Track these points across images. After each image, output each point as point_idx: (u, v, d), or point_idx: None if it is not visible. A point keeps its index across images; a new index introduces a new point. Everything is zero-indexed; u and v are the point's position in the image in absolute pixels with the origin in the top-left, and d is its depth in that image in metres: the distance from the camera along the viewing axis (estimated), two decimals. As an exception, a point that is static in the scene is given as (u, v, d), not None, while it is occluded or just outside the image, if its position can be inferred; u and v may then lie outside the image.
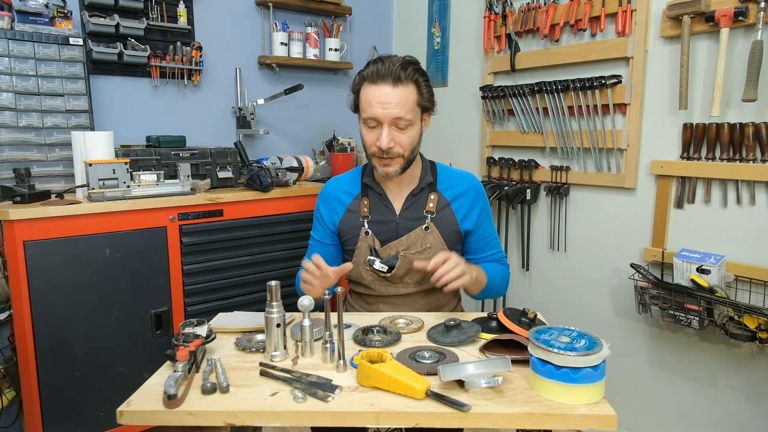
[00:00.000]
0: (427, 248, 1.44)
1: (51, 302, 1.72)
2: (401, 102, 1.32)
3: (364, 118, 1.37)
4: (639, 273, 1.89)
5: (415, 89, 1.36)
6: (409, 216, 1.46)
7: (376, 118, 1.34)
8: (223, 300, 2.09)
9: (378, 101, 1.32)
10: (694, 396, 1.94)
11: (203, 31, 2.47)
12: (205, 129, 2.53)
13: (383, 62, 1.34)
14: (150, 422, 0.93)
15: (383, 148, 1.34)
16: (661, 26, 1.90)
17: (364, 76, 1.37)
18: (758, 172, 1.69)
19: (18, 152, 1.94)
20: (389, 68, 1.32)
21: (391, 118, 1.33)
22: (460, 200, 1.49)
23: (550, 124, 2.27)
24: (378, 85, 1.32)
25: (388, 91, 1.32)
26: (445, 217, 1.47)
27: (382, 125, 1.34)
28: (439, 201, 1.47)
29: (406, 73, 1.33)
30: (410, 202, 1.47)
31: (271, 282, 1.10)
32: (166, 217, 1.92)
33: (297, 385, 0.98)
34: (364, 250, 1.46)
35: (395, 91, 1.32)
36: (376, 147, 1.36)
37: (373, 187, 1.49)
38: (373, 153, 1.39)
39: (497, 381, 0.93)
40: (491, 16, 2.44)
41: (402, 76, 1.32)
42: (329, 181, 1.60)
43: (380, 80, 1.32)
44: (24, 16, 1.94)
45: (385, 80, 1.32)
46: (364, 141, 1.40)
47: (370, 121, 1.36)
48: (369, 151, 1.40)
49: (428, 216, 1.46)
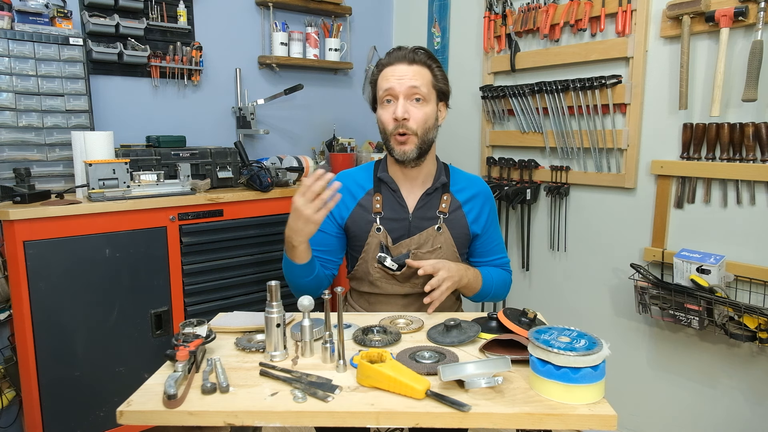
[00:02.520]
0: (438, 249, 1.44)
1: (51, 302, 1.72)
2: (416, 75, 1.39)
3: (380, 95, 1.42)
4: (639, 273, 1.89)
5: (429, 71, 1.42)
6: (422, 215, 1.47)
7: (392, 89, 1.39)
8: (223, 300, 2.09)
9: (393, 75, 1.39)
10: (694, 396, 1.94)
11: (203, 31, 2.47)
12: (205, 129, 2.53)
13: (397, 49, 1.43)
14: (150, 422, 0.93)
15: (399, 117, 1.37)
16: (661, 26, 1.90)
17: (380, 64, 1.44)
18: (758, 172, 1.69)
19: (18, 152, 1.94)
20: (403, 52, 1.41)
21: (407, 87, 1.38)
22: (471, 203, 1.51)
23: (550, 124, 2.27)
24: (393, 65, 1.40)
25: (404, 68, 1.39)
26: (457, 219, 1.48)
27: (398, 98, 1.39)
28: (451, 203, 1.49)
29: (418, 56, 1.41)
30: (424, 201, 1.48)
31: (271, 282, 1.10)
32: (166, 217, 1.92)
33: (297, 385, 0.98)
34: (374, 247, 1.45)
35: (410, 68, 1.39)
36: (392, 120, 1.39)
37: (387, 182, 1.49)
38: (389, 132, 1.41)
39: (497, 381, 0.93)
40: (491, 16, 2.45)
41: (415, 58, 1.40)
42: (340, 173, 1.57)
43: (395, 61, 1.41)
44: (24, 16, 1.94)
45: (400, 60, 1.40)
46: (381, 122, 1.43)
47: (386, 95, 1.40)
48: (386, 130, 1.42)
49: (441, 216, 1.46)
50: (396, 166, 1.48)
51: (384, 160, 1.54)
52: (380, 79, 1.42)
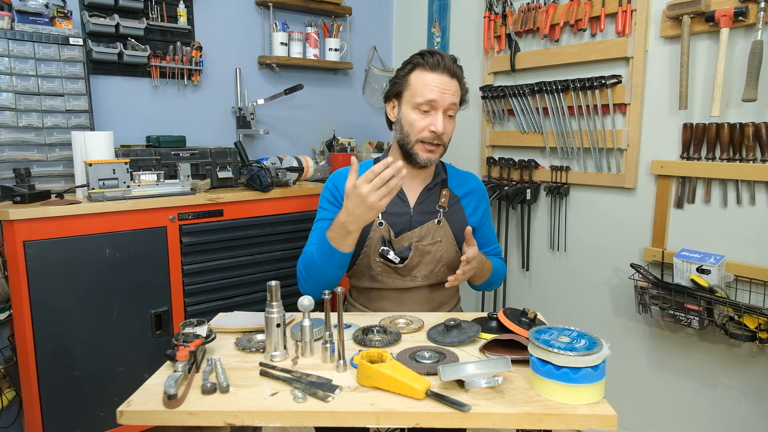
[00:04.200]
0: (438, 242, 1.48)
1: (51, 302, 1.72)
2: (455, 92, 1.42)
3: (418, 102, 1.41)
4: (639, 273, 1.89)
5: (460, 86, 1.46)
6: (423, 210, 1.50)
7: (435, 101, 1.39)
8: (223, 300, 2.09)
9: (438, 87, 1.39)
10: (694, 396, 1.94)
11: (203, 31, 2.47)
12: (205, 129, 2.53)
13: (439, 55, 1.42)
14: (150, 422, 0.93)
15: (438, 132, 1.40)
16: (661, 26, 1.90)
17: (418, 63, 1.42)
18: (758, 172, 1.69)
19: (18, 152, 1.94)
20: (446, 61, 1.41)
21: (448, 103, 1.40)
22: (468, 198, 1.57)
23: (550, 124, 2.27)
24: (437, 74, 1.40)
25: (447, 80, 1.40)
26: (456, 212, 1.53)
27: (437, 110, 1.40)
28: (450, 197, 1.54)
29: (459, 71, 1.44)
30: (425, 196, 1.52)
31: (271, 282, 1.10)
32: (166, 217, 1.92)
33: (297, 385, 0.98)
34: (375, 241, 1.47)
35: (451, 82, 1.41)
36: (429, 132, 1.41)
37: None
38: (422, 138, 1.42)
39: (497, 381, 0.93)
40: (491, 16, 2.44)
41: (456, 71, 1.43)
42: (339, 170, 1.59)
43: (439, 70, 1.40)
44: (24, 16, 1.93)
45: (444, 71, 1.40)
46: (412, 125, 1.42)
47: (425, 105, 1.40)
48: (417, 136, 1.42)
49: (440, 211, 1.51)
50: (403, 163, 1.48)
51: (384, 157, 1.54)
52: (419, 82, 1.41)
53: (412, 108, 1.42)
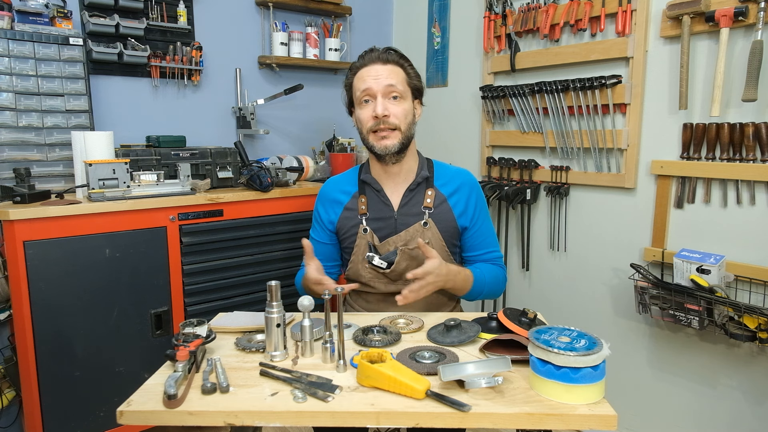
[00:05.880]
0: (426, 244, 1.44)
1: (51, 302, 1.72)
2: (391, 74, 1.42)
3: (358, 96, 1.44)
4: (639, 273, 1.89)
5: (402, 70, 1.45)
6: (407, 212, 1.48)
7: (369, 88, 1.42)
8: (223, 300, 2.09)
9: (369, 75, 1.42)
10: (694, 396, 1.94)
11: (203, 31, 2.47)
12: (205, 129, 2.53)
13: (369, 50, 1.46)
14: (150, 422, 0.93)
15: (379, 114, 1.40)
16: (661, 26, 1.90)
17: (353, 67, 1.48)
18: (758, 172, 1.69)
19: (18, 152, 1.94)
20: (375, 53, 1.45)
21: (384, 86, 1.41)
22: (457, 196, 1.50)
23: (550, 124, 2.27)
24: (368, 66, 1.44)
25: (379, 67, 1.43)
26: (443, 212, 1.48)
27: (375, 97, 1.41)
28: (436, 197, 1.49)
29: (391, 55, 1.45)
30: (408, 197, 1.49)
31: (271, 282, 1.10)
32: (166, 217, 1.92)
33: (297, 385, 0.98)
34: (362, 248, 1.47)
35: (385, 67, 1.43)
36: (372, 118, 1.41)
37: (371, 183, 1.50)
38: (369, 128, 1.43)
39: (497, 381, 0.93)
40: (491, 16, 2.44)
41: (388, 58, 1.44)
42: (327, 181, 1.62)
43: (369, 62, 1.44)
44: (24, 16, 1.94)
45: (374, 61, 1.43)
46: (360, 121, 1.46)
47: (364, 96, 1.42)
48: (366, 128, 1.44)
49: (426, 212, 1.47)
50: (378, 165, 1.49)
51: (367, 163, 1.56)
52: (356, 80, 1.45)
53: (357, 106, 1.46)
